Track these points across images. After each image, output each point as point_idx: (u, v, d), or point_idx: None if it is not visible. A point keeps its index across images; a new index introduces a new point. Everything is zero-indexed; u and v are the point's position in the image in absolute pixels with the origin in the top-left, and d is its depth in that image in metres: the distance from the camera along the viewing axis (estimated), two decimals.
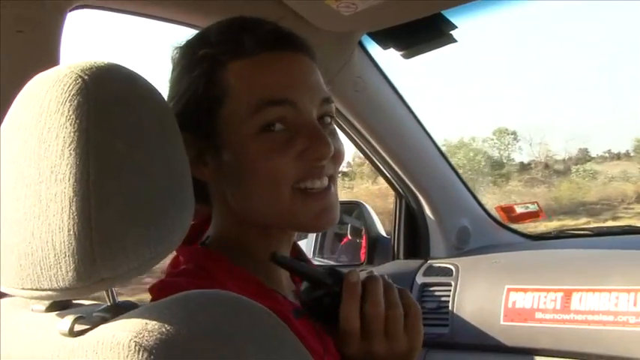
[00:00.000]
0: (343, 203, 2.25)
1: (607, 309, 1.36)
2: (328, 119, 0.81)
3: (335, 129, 0.84)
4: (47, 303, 0.62)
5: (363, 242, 2.03)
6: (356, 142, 1.69)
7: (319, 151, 0.75)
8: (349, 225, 2.15)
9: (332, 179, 0.81)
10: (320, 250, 2.26)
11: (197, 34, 0.82)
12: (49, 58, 0.86)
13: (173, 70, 0.82)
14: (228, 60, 0.76)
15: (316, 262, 2.19)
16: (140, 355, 0.46)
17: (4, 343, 0.60)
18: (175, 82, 0.80)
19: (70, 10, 0.88)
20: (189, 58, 0.79)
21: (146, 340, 0.47)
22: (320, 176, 0.78)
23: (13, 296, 0.64)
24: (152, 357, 0.46)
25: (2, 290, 0.58)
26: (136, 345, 0.47)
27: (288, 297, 0.85)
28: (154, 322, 0.48)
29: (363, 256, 2.03)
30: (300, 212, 0.77)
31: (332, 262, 2.17)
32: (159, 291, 0.72)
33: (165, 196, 0.54)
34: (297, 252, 0.93)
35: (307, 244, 2.18)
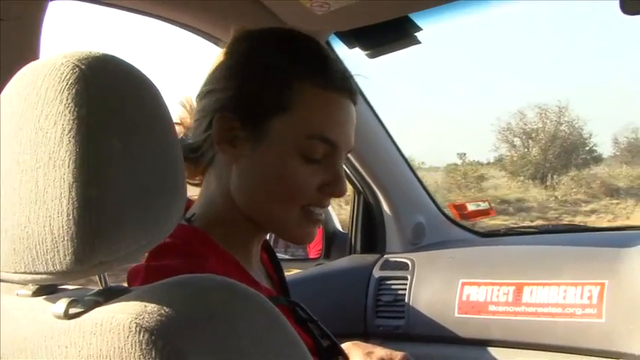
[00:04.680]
0: None
1: (556, 302, 1.43)
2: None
3: None
4: (33, 288, 0.62)
5: (320, 237, 2.05)
6: None
7: (340, 191, 0.88)
8: None
9: None
10: (275, 242, 2.27)
11: (280, 35, 0.90)
12: (30, 48, 0.86)
13: (238, 53, 0.87)
14: (305, 78, 0.84)
15: None
16: (141, 336, 0.48)
17: None
18: (240, 68, 0.86)
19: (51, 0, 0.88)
20: (268, 56, 0.85)
21: (147, 322, 0.48)
22: (326, 206, 0.90)
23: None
24: (153, 337, 0.48)
25: None
26: (136, 326, 0.48)
27: (263, 282, 0.90)
28: (153, 305, 0.50)
29: (320, 251, 2.06)
30: (297, 227, 0.87)
31: (288, 256, 2.18)
32: (148, 275, 0.75)
33: (160, 182, 0.56)
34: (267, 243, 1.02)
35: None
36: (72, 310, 0.54)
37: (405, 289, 1.70)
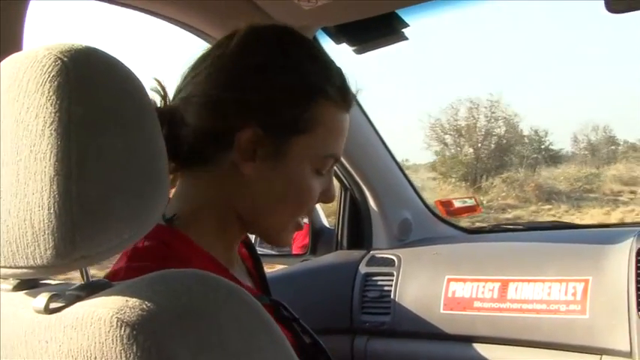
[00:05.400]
0: None
1: (541, 298, 1.44)
2: None
3: None
4: (14, 282, 0.62)
5: (307, 232, 2.05)
6: None
7: (332, 197, 0.92)
8: None
9: None
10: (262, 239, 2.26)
11: (308, 50, 0.88)
12: (13, 39, 0.85)
13: (258, 58, 0.84)
14: (330, 99, 0.85)
15: (259, 251, 2.20)
16: (122, 331, 0.48)
17: None
18: (265, 79, 0.82)
19: None
20: (300, 72, 0.84)
21: (128, 316, 0.48)
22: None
23: None
24: (134, 332, 0.47)
25: None
26: (118, 320, 0.48)
27: (245, 280, 0.89)
28: (135, 299, 0.50)
29: (306, 246, 2.06)
30: (288, 234, 0.89)
31: (274, 252, 2.17)
32: (128, 274, 0.74)
33: (143, 177, 0.56)
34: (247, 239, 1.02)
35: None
36: (52, 305, 0.54)
37: (391, 285, 1.70)
